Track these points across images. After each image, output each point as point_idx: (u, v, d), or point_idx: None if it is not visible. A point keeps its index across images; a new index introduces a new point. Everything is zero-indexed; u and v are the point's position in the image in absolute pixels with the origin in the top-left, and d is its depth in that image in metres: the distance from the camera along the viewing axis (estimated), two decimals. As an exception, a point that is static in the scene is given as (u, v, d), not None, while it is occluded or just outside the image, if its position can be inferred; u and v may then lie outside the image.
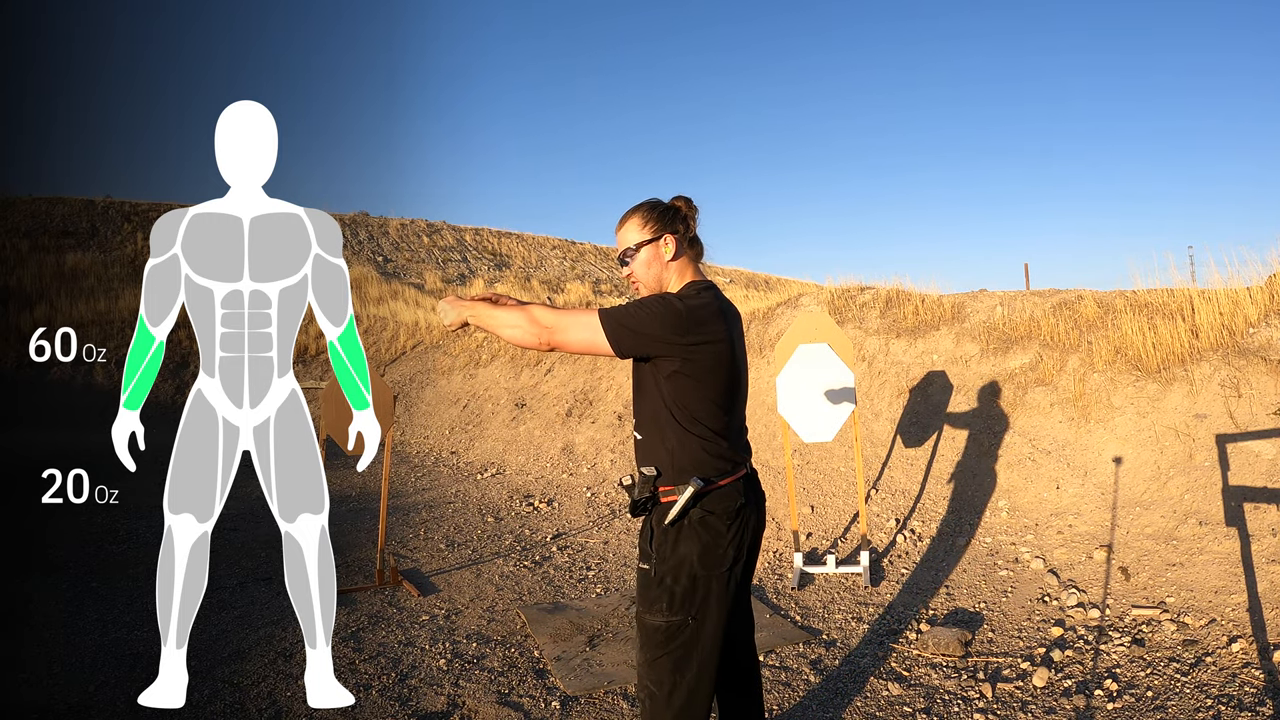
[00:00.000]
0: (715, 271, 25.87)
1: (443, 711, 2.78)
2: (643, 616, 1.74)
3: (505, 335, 1.73)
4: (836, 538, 4.53)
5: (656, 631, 1.71)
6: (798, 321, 4.20)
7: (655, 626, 1.71)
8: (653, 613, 1.72)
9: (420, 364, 11.37)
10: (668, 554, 1.71)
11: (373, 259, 20.17)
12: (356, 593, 3.98)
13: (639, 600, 1.76)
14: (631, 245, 1.79)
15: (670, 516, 1.70)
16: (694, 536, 1.70)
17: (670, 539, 1.71)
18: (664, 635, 1.70)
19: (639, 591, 1.76)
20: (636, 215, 1.81)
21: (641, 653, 1.74)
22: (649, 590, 1.73)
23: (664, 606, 1.70)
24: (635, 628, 1.80)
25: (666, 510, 1.71)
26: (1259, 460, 3.58)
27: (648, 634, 1.73)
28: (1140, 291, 5.11)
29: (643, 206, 1.82)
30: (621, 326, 1.65)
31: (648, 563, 1.74)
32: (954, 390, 5.21)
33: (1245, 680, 2.64)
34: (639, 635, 1.76)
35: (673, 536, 1.71)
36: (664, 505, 1.72)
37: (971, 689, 2.83)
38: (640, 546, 1.78)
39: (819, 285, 8.21)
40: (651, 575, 1.72)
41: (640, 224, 1.80)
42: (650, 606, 1.72)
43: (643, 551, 1.77)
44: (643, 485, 1.73)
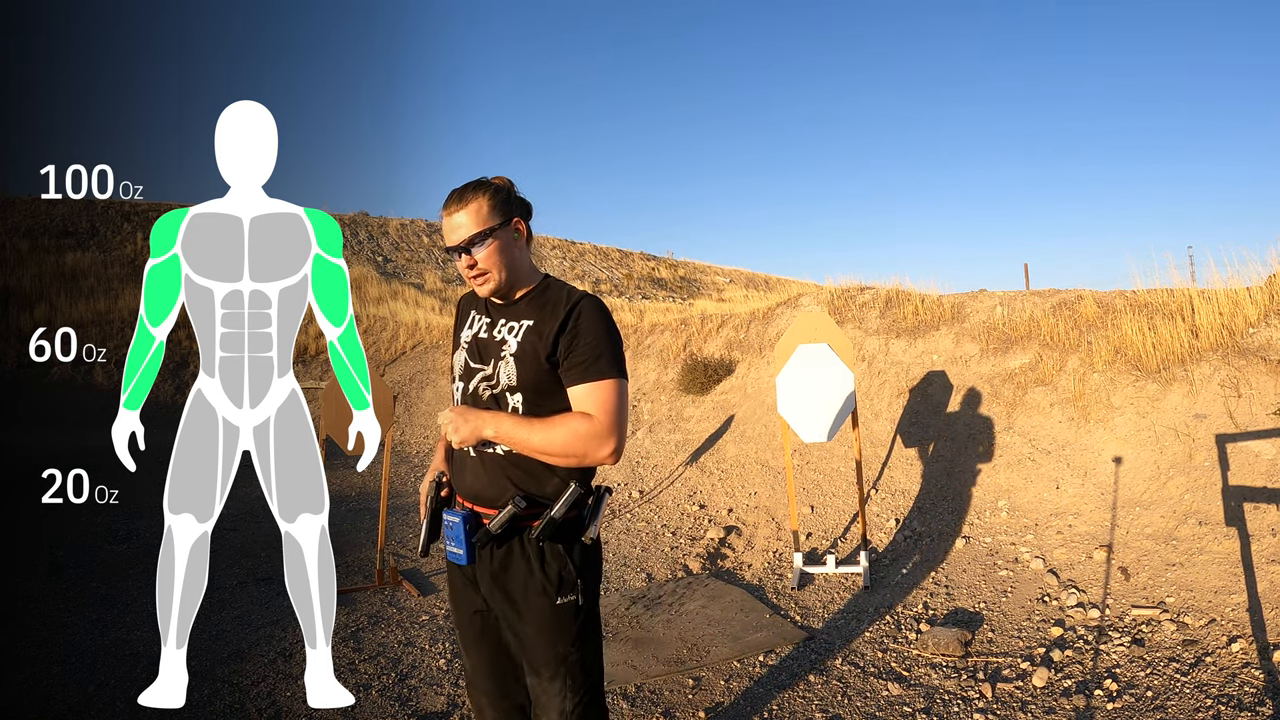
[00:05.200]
0: (716, 271, 25.89)
1: (443, 711, 2.78)
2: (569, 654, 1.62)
3: (562, 461, 1.55)
4: (836, 538, 4.53)
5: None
6: (798, 321, 4.20)
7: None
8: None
9: (420, 364, 11.37)
10: (591, 574, 1.65)
11: (373, 259, 20.17)
12: (356, 593, 3.98)
13: (562, 638, 1.60)
14: (478, 231, 1.57)
15: (591, 534, 1.61)
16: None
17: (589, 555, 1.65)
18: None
19: (560, 629, 1.60)
20: (482, 197, 1.59)
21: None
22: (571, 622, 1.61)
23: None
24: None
25: (581, 527, 1.61)
26: (1259, 460, 3.58)
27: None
28: (1140, 291, 5.11)
29: (484, 189, 1.61)
30: (624, 371, 1.59)
31: (573, 592, 1.60)
32: (954, 390, 5.21)
33: (1245, 680, 2.64)
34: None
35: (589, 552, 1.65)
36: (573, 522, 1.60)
37: (971, 689, 2.83)
38: (560, 577, 1.59)
39: (819, 285, 8.22)
40: (579, 605, 1.61)
41: (489, 207, 1.59)
42: (573, 640, 1.61)
43: (564, 583, 1.59)
44: (569, 504, 1.56)
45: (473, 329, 1.71)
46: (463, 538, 1.58)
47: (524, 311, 1.64)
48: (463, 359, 1.69)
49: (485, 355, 1.64)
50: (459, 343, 1.73)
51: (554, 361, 1.57)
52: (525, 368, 1.58)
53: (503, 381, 1.60)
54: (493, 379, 1.62)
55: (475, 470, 1.63)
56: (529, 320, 1.61)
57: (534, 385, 1.58)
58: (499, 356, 1.61)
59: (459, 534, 1.58)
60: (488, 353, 1.64)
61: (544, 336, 1.57)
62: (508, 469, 1.59)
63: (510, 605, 1.60)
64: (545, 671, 1.59)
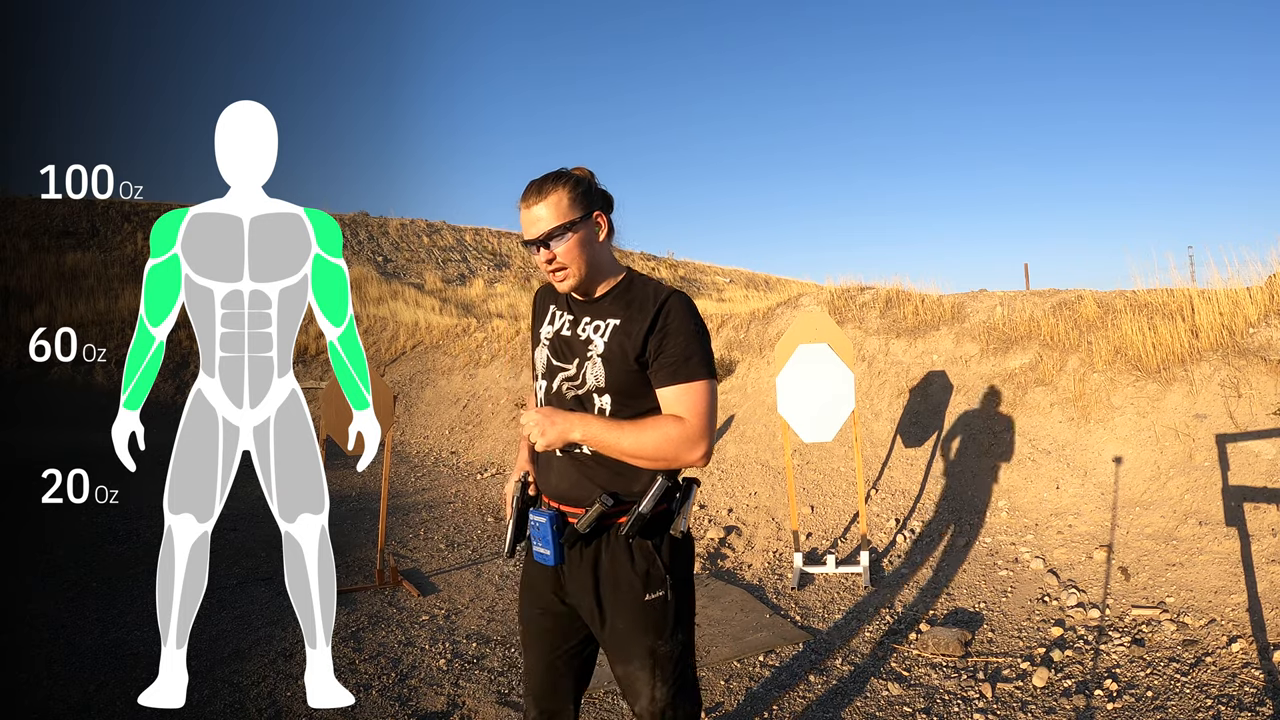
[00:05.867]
0: (716, 271, 25.89)
1: (443, 711, 2.78)
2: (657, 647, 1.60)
3: (651, 464, 1.52)
4: (836, 538, 4.53)
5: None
6: (797, 321, 4.20)
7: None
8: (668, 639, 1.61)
9: (420, 364, 11.37)
10: (681, 566, 1.63)
11: (373, 259, 20.16)
12: (356, 593, 3.98)
13: (651, 632, 1.59)
14: (557, 225, 1.52)
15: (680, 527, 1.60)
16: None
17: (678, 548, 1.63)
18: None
19: (650, 624, 1.58)
20: (562, 190, 1.53)
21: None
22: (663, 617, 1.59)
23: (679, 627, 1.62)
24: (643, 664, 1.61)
25: (670, 521, 1.59)
26: (1259, 460, 3.58)
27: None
28: (1140, 291, 5.11)
29: (564, 180, 1.55)
30: (714, 371, 1.56)
31: (662, 587, 1.57)
32: (954, 390, 5.21)
33: (1245, 680, 2.64)
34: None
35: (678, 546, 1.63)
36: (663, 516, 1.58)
37: (971, 689, 2.83)
38: (649, 573, 1.57)
39: (819, 285, 8.21)
40: (668, 599, 1.58)
41: (569, 200, 1.53)
42: (662, 634, 1.59)
43: (651, 579, 1.57)
44: (657, 498, 1.53)
45: (553, 325, 1.66)
46: (550, 538, 1.57)
47: (609, 309, 1.59)
48: (545, 356, 1.65)
49: (569, 354, 1.60)
50: (539, 339, 1.69)
51: (643, 362, 1.53)
52: (614, 369, 1.54)
53: (590, 383, 1.56)
54: (577, 379, 1.58)
55: (561, 470, 1.60)
56: (615, 319, 1.57)
57: (622, 387, 1.54)
58: (585, 356, 1.57)
59: (546, 534, 1.58)
60: (571, 352, 1.60)
61: (632, 336, 1.53)
62: (595, 468, 1.57)
63: (598, 602, 1.59)
64: (635, 663, 1.59)
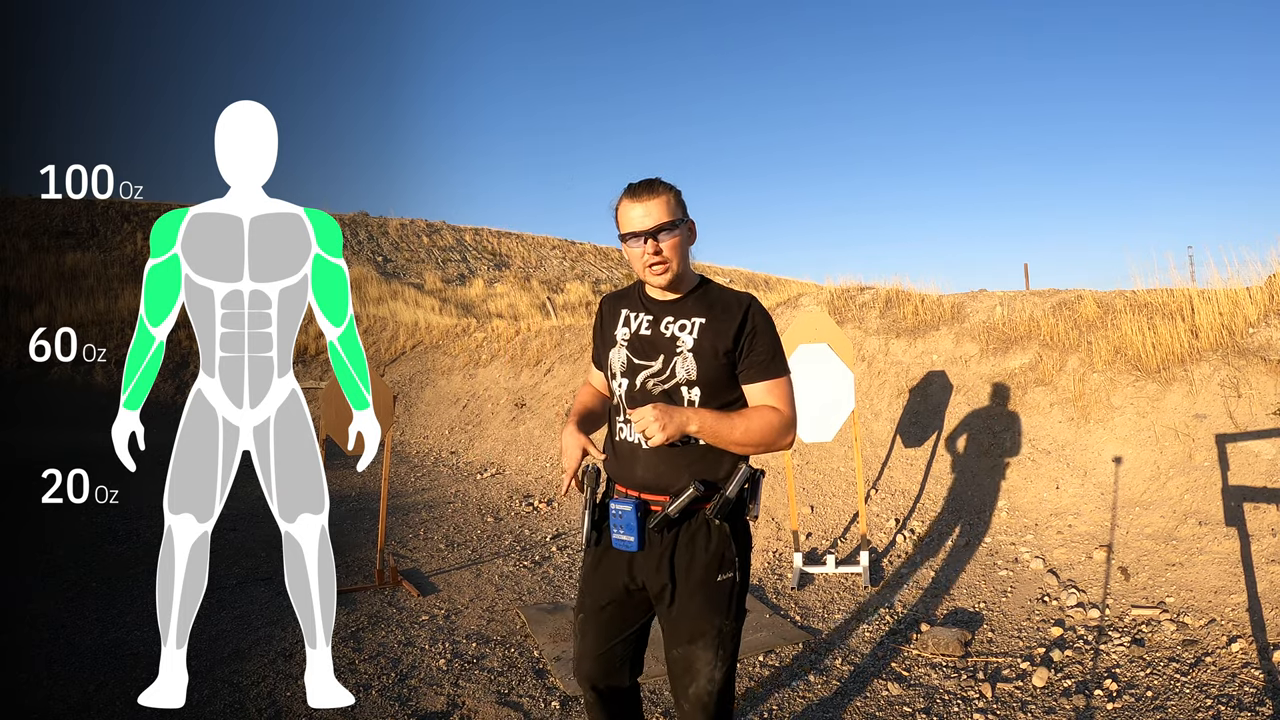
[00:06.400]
0: (716, 271, 25.88)
1: (443, 711, 2.78)
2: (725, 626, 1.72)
3: (754, 450, 1.66)
4: (836, 538, 4.53)
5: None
6: (797, 321, 4.20)
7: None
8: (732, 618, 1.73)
9: (420, 364, 11.37)
10: (745, 550, 1.75)
11: (372, 259, 20.16)
12: (356, 593, 3.98)
13: (719, 611, 1.71)
14: (668, 220, 1.65)
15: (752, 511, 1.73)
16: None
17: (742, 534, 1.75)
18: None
19: (719, 603, 1.71)
20: (670, 192, 1.69)
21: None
22: (731, 599, 1.72)
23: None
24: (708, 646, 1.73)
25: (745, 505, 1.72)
26: (1259, 460, 3.58)
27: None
28: (1140, 291, 5.11)
29: (670, 186, 1.70)
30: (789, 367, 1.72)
31: (732, 569, 1.70)
32: (954, 390, 5.21)
33: (1245, 680, 2.64)
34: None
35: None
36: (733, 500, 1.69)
37: (971, 689, 2.83)
38: (723, 555, 1.69)
39: (819, 285, 8.21)
40: (735, 580, 1.71)
41: (675, 201, 1.69)
42: (728, 613, 1.72)
43: (724, 561, 1.69)
44: (741, 483, 1.66)
45: (629, 327, 1.77)
46: (634, 525, 1.67)
47: (692, 309, 1.72)
48: (624, 356, 1.75)
49: (653, 352, 1.71)
50: (614, 340, 1.78)
51: (731, 357, 1.67)
52: (704, 363, 1.66)
53: (679, 376, 1.68)
54: (663, 374, 1.69)
55: (648, 461, 1.70)
56: (700, 318, 1.70)
57: (711, 380, 1.67)
58: (674, 352, 1.68)
59: (630, 521, 1.67)
60: (656, 349, 1.71)
61: (722, 334, 1.67)
62: (686, 458, 1.67)
63: (673, 583, 1.69)
64: (700, 641, 1.69)
